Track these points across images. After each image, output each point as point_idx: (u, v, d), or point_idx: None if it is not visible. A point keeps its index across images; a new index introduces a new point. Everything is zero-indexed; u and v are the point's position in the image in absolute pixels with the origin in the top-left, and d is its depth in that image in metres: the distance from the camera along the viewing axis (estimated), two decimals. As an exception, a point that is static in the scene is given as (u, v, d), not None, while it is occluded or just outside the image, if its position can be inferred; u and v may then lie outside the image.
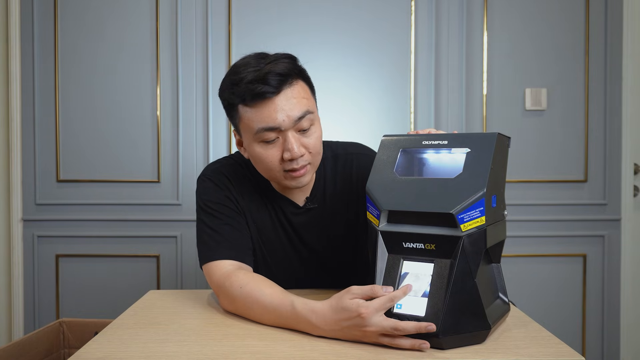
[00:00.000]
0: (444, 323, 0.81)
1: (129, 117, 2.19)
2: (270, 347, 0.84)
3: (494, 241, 0.90)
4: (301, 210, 1.18)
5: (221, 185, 1.16)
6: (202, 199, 1.16)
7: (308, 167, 1.08)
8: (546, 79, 2.25)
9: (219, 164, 1.21)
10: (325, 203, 1.19)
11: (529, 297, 2.24)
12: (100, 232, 2.20)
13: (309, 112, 1.05)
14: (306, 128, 1.05)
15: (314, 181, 1.19)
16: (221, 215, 1.13)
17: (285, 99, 1.03)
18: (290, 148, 1.03)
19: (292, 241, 1.20)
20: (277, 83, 1.02)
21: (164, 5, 2.19)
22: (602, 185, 2.26)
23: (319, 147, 1.09)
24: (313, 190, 1.19)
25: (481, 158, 0.87)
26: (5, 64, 2.18)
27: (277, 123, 1.02)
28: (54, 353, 1.38)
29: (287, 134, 1.04)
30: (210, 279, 1.09)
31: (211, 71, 2.19)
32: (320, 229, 1.19)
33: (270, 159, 1.06)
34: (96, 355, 0.83)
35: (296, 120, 1.03)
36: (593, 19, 2.24)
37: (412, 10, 2.22)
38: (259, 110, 1.03)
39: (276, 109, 1.02)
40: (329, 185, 1.20)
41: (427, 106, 2.22)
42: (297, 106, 1.04)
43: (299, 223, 1.19)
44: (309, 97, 1.08)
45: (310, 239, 1.20)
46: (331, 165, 1.21)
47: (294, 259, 1.21)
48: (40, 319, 2.20)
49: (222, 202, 1.14)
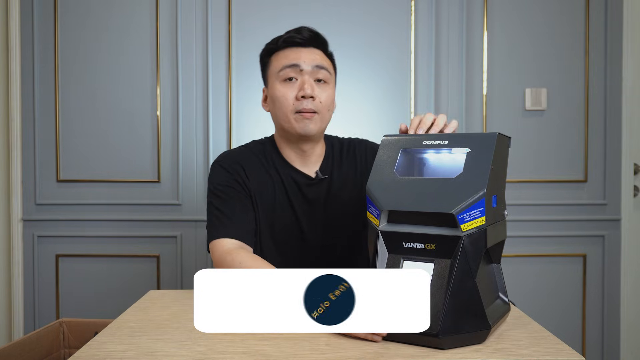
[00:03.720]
0: (444, 323, 0.81)
1: (129, 117, 2.19)
2: (270, 347, 0.84)
3: (494, 241, 0.90)
4: (314, 181, 1.28)
5: (230, 169, 1.25)
6: (212, 182, 1.26)
7: (316, 117, 1.22)
8: (546, 79, 2.24)
9: (231, 151, 1.33)
10: (332, 177, 1.30)
11: (529, 297, 2.24)
12: (100, 232, 2.20)
13: (327, 70, 1.25)
14: (321, 79, 1.24)
15: (323, 157, 1.32)
16: (227, 197, 1.22)
17: (310, 52, 1.25)
18: (304, 87, 1.21)
19: (300, 222, 1.27)
20: (308, 37, 1.24)
21: (164, 5, 2.19)
22: (602, 185, 2.26)
23: (328, 103, 1.25)
24: (322, 164, 1.31)
25: (481, 158, 0.87)
26: (5, 64, 2.18)
27: (299, 62, 1.23)
28: (54, 353, 1.38)
29: (304, 75, 1.22)
30: (212, 255, 1.18)
31: (211, 71, 2.19)
32: (330, 202, 1.29)
33: (287, 96, 1.22)
34: (96, 355, 0.83)
35: (314, 67, 1.23)
36: (593, 19, 2.24)
37: (412, 10, 2.22)
38: (286, 53, 1.25)
39: (300, 55, 1.24)
40: (337, 163, 1.32)
41: (427, 106, 2.22)
42: (318, 58, 1.25)
43: (312, 195, 1.28)
44: (329, 66, 1.27)
45: (320, 215, 1.28)
46: (338, 147, 1.36)
47: (298, 241, 1.28)
48: (40, 319, 2.20)
49: (229, 185, 1.23)
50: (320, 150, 1.32)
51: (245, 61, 2.18)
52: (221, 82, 2.19)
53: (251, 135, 2.19)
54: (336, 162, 1.32)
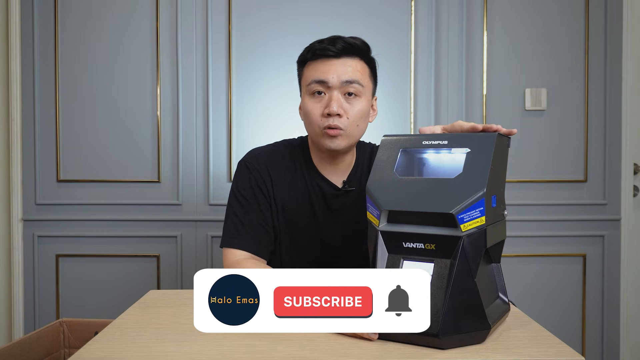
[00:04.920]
0: (444, 323, 0.81)
1: (129, 117, 2.19)
2: (270, 347, 0.84)
3: (494, 241, 0.90)
4: (339, 192, 1.27)
5: (255, 172, 1.25)
6: (236, 184, 1.26)
7: (342, 133, 1.19)
8: (546, 79, 2.24)
9: (260, 150, 1.30)
10: (361, 190, 1.28)
11: (529, 297, 2.24)
12: (100, 232, 2.20)
13: (358, 83, 1.19)
14: (351, 93, 1.19)
15: (352, 166, 1.29)
16: (247, 205, 1.23)
17: (342, 64, 1.19)
18: (330, 104, 1.17)
19: (321, 229, 1.27)
20: (341, 48, 1.19)
21: (164, 6, 2.19)
22: (601, 185, 2.26)
23: (357, 119, 1.20)
24: (350, 174, 1.29)
25: (481, 158, 0.87)
26: (5, 64, 2.18)
27: (326, 78, 1.18)
28: (54, 353, 1.38)
29: (332, 92, 1.18)
30: (224, 261, 1.21)
31: (211, 71, 2.19)
32: (353, 213, 1.27)
33: (314, 112, 1.20)
34: (96, 355, 0.83)
35: (343, 83, 1.18)
36: (593, 19, 2.24)
37: (412, 10, 2.22)
38: (317, 65, 1.20)
39: (330, 68, 1.19)
40: (365, 172, 1.30)
41: (427, 106, 2.22)
42: (349, 72, 1.19)
43: (336, 206, 1.27)
44: (364, 75, 1.22)
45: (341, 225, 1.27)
46: (368, 156, 1.33)
47: (318, 246, 1.28)
48: (40, 319, 2.20)
49: (251, 191, 1.23)
50: (351, 159, 1.30)
51: (245, 61, 2.18)
52: (221, 82, 2.19)
53: (251, 135, 2.19)
54: (365, 171, 1.30)
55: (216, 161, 2.19)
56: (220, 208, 2.15)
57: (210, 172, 2.19)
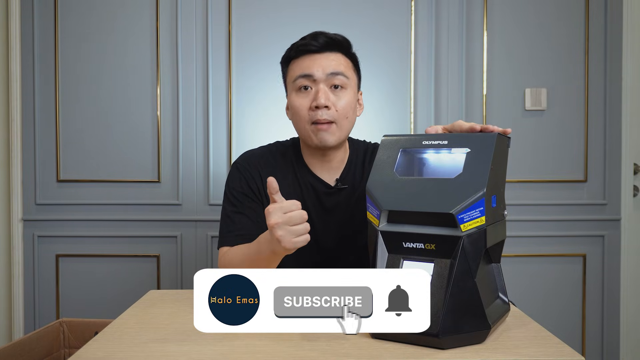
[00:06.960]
0: (444, 323, 0.81)
1: (129, 117, 2.19)
2: (270, 347, 0.84)
3: (494, 241, 0.90)
4: (332, 190, 1.27)
5: (246, 174, 1.26)
6: (228, 185, 1.28)
7: (333, 126, 1.19)
8: (546, 79, 2.25)
9: (251, 153, 1.32)
10: (353, 186, 1.28)
11: (529, 297, 2.24)
12: (100, 232, 2.20)
13: (344, 75, 1.20)
14: (337, 85, 1.20)
15: (345, 163, 1.29)
16: (239, 205, 1.24)
17: (326, 58, 1.20)
18: (317, 97, 1.18)
19: (315, 229, 1.25)
20: (323, 43, 1.20)
21: (164, 6, 2.19)
22: (601, 185, 2.27)
23: (346, 110, 1.21)
24: (343, 172, 1.29)
25: (481, 158, 0.87)
26: (5, 64, 2.18)
27: (312, 71, 1.19)
28: (54, 353, 1.38)
29: (319, 84, 1.19)
30: (219, 260, 1.23)
31: (211, 72, 2.19)
32: (347, 212, 1.27)
33: (302, 107, 1.20)
34: (96, 355, 0.83)
35: (329, 75, 1.19)
36: (593, 19, 2.24)
37: (412, 10, 2.22)
38: (302, 61, 1.21)
39: (314, 62, 1.20)
40: (359, 171, 1.30)
41: (427, 106, 2.22)
42: (333, 65, 1.20)
43: (329, 204, 1.27)
44: (348, 68, 1.23)
45: (335, 223, 1.27)
46: (362, 154, 1.32)
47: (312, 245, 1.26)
48: (40, 319, 2.20)
49: (243, 192, 1.25)
50: (343, 155, 1.30)
51: (245, 62, 2.18)
52: (221, 82, 2.19)
53: (251, 135, 2.19)
54: (358, 169, 1.30)
55: (216, 161, 2.19)
56: (220, 208, 2.15)
57: (210, 172, 2.19)
